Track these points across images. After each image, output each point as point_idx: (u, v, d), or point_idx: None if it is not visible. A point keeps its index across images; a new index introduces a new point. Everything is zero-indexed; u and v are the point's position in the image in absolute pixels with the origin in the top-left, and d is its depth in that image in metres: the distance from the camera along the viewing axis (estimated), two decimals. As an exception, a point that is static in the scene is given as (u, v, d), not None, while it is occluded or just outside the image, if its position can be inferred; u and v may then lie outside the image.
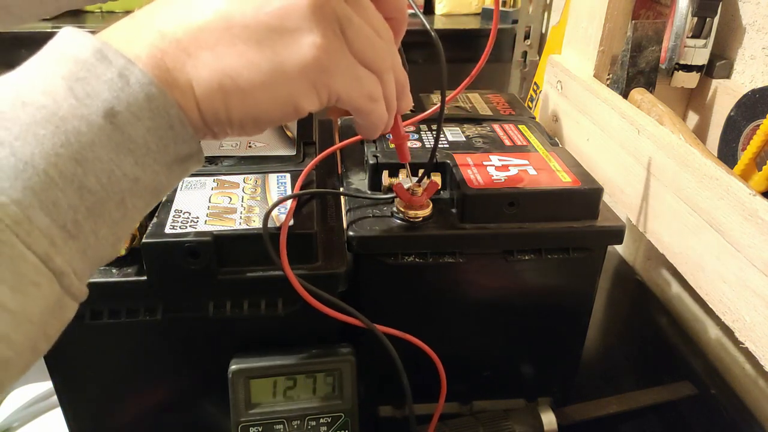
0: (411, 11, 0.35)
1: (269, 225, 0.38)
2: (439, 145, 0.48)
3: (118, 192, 0.24)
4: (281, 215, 0.39)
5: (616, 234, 0.43)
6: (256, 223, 0.38)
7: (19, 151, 0.21)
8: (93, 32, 0.25)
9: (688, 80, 0.52)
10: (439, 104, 0.40)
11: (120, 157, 0.23)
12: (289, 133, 0.52)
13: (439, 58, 0.37)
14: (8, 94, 0.22)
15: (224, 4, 0.25)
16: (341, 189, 0.47)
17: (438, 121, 0.41)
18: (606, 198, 0.44)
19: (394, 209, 0.43)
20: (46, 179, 0.22)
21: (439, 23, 1.03)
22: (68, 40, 0.24)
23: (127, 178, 0.24)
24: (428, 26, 0.38)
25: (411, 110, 0.36)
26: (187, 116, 0.25)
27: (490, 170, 0.44)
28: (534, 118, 0.58)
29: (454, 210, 0.43)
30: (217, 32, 0.25)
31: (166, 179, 0.26)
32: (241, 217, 0.39)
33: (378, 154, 0.47)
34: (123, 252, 0.38)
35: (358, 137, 0.50)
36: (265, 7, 0.25)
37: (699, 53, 0.51)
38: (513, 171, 0.44)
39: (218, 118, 0.26)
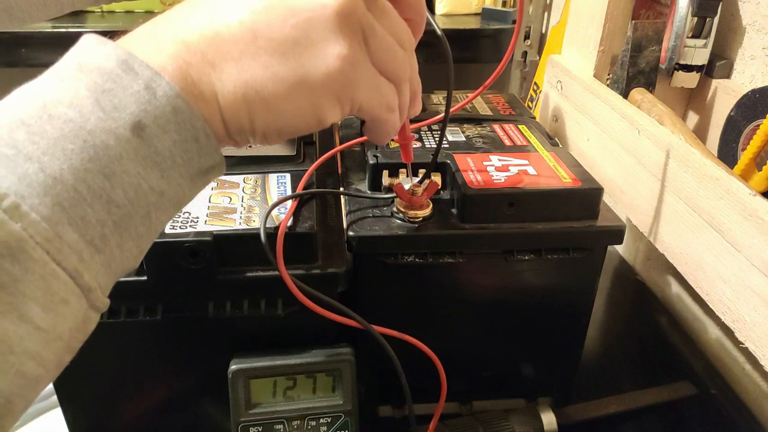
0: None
1: (269, 225, 0.38)
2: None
3: (144, 206, 0.24)
4: (281, 215, 0.39)
5: (616, 234, 0.43)
6: (256, 223, 0.38)
7: (47, 167, 0.21)
8: (101, 32, 0.24)
9: (688, 80, 0.52)
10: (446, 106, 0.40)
11: (147, 171, 0.23)
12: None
13: (447, 60, 0.37)
14: (33, 106, 0.22)
15: (249, 16, 0.25)
16: (341, 189, 0.47)
17: (443, 122, 0.41)
18: (606, 198, 0.44)
19: (394, 209, 0.43)
20: (75, 195, 0.21)
21: (439, 23, 1.02)
22: (91, 48, 0.23)
23: (153, 191, 0.24)
24: (437, 28, 0.37)
25: None
26: (212, 128, 0.25)
27: (490, 170, 0.44)
28: (534, 118, 0.58)
29: (454, 210, 0.43)
30: (242, 44, 0.25)
31: (189, 191, 0.26)
32: (241, 217, 0.39)
33: (378, 155, 0.47)
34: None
35: (363, 138, 0.50)
36: (290, 18, 0.25)
37: (699, 53, 0.51)
38: (513, 171, 0.44)
39: (242, 129, 0.26)
